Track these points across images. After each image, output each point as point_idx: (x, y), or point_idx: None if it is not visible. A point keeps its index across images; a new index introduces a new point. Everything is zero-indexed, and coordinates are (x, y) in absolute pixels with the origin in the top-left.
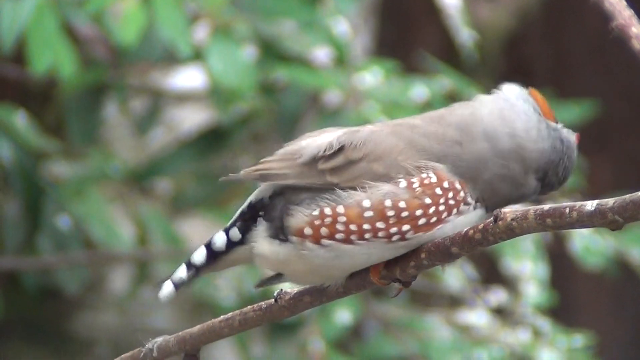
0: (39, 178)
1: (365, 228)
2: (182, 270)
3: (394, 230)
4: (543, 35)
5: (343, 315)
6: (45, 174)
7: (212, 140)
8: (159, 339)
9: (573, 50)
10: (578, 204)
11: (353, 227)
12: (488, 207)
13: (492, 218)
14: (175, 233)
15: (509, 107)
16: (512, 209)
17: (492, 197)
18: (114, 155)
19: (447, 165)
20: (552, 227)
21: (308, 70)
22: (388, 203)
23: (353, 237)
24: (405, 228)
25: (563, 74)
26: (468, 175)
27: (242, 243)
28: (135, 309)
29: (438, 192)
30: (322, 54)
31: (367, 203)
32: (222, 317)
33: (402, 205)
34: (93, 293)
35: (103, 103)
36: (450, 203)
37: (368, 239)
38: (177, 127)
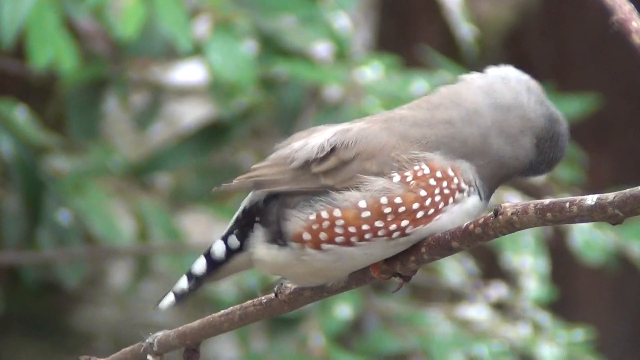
0: (39, 173)
1: (365, 229)
2: (183, 282)
3: (393, 227)
4: (543, 30)
5: (343, 310)
6: (46, 169)
7: (212, 135)
8: (159, 334)
9: (573, 45)
10: (578, 198)
11: (352, 229)
12: (485, 190)
13: (492, 212)
14: (176, 228)
15: (499, 78)
16: (512, 203)
17: (491, 172)
18: (114, 150)
19: (440, 151)
20: (552, 221)
21: (308, 65)
22: (384, 200)
23: (353, 239)
24: (404, 223)
25: (563, 69)
26: (465, 152)
27: (241, 250)
28: (136, 304)
29: (432, 182)
30: (322, 49)
31: (363, 204)
32: (222, 311)
33: (398, 201)
34: (93, 288)
35: (103, 98)
36: (446, 192)
37: (368, 239)
38: (177, 121)
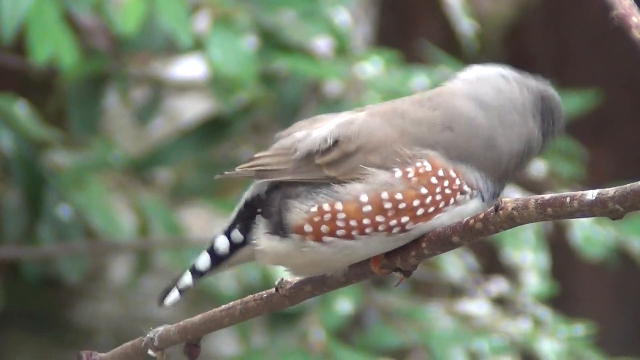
0: (40, 168)
1: (365, 223)
2: (187, 277)
3: (394, 223)
4: (543, 25)
5: (344, 305)
6: (46, 164)
7: (212, 130)
8: (160, 329)
9: (573, 40)
10: (579, 194)
11: (353, 222)
12: (492, 190)
13: (492, 207)
14: (176, 222)
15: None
16: (512, 198)
17: (499, 169)
18: (115, 145)
19: (441, 151)
20: (552, 216)
21: (309, 60)
22: (385, 196)
23: (354, 232)
24: (405, 219)
25: (563, 64)
26: (466, 156)
27: (244, 244)
28: (136, 299)
29: (433, 181)
30: (322, 44)
31: (364, 198)
32: (223, 306)
33: (399, 197)
34: (94, 283)
35: (104, 93)
36: (447, 192)
37: (369, 233)
38: (177, 117)
